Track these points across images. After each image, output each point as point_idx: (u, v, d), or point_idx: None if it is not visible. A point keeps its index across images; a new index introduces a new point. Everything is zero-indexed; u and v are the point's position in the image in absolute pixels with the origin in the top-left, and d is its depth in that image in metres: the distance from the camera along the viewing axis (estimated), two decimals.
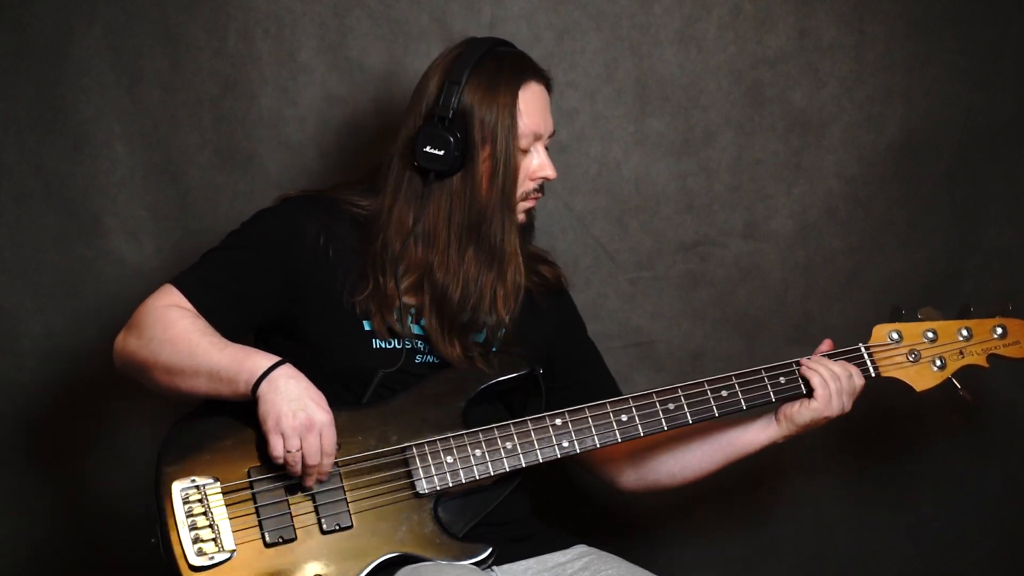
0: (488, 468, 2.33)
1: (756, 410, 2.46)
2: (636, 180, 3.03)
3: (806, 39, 3.00)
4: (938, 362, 2.48)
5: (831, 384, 2.40)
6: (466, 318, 2.40)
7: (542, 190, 2.46)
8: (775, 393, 2.42)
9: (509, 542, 2.39)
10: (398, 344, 2.40)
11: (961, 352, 2.49)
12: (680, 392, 2.39)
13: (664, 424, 2.38)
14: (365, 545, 2.26)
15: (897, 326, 2.49)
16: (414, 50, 2.95)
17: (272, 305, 2.40)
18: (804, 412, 2.42)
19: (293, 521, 2.24)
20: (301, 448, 2.21)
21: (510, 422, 2.35)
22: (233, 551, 2.21)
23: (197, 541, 2.20)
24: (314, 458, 2.21)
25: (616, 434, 2.37)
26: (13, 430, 3.04)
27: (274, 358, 2.24)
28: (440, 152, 2.34)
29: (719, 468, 2.52)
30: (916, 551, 3.10)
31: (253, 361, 2.23)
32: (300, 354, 2.34)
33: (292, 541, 2.24)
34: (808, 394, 2.41)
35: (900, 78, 3.01)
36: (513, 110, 2.36)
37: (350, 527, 2.26)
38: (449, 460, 2.32)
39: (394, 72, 2.95)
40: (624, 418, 2.38)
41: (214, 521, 2.22)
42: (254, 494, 2.25)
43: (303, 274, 2.39)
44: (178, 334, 2.27)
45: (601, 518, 3.09)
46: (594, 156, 3.03)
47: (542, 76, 2.43)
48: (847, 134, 3.02)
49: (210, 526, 2.22)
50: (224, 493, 2.23)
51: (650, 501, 3.08)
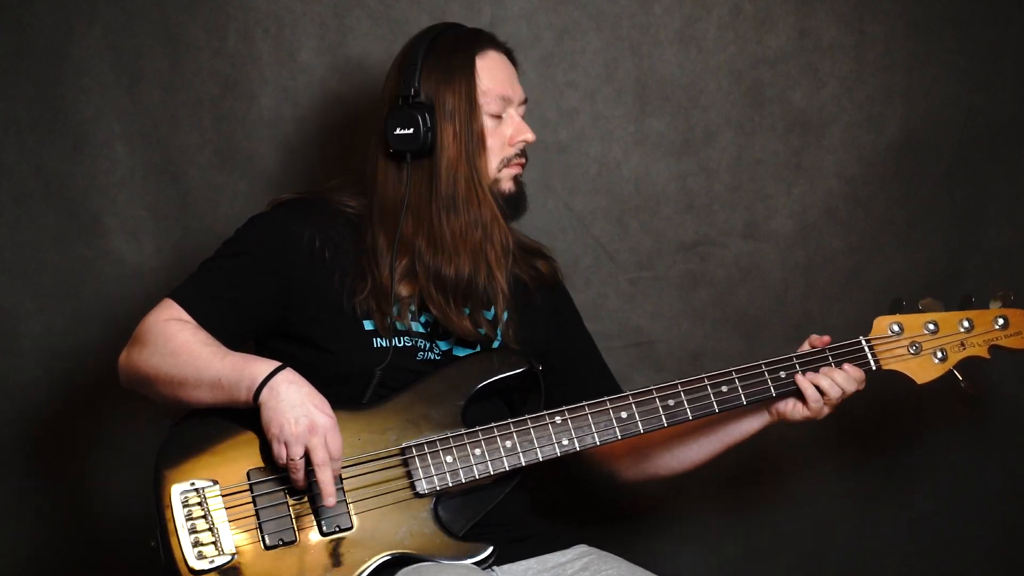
0: (488, 467, 2.33)
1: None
2: (636, 180, 3.03)
3: (806, 39, 3.00)
4: (939, 354, 2.47)
5: (831, 394, 2.40)
6: (471, 295, 2.40)
7: (525, 155, 2.47)
8: (775, 388, 2.41)
9: (509, 542, 2.39)
10: (399, 342, 2.40)
11: (962, 343, 2.47)
12: (680, 388, 2.39)
13: (664, 421, 2.38)
14: (365, 546, 2.26)
15: (898, 318, 2.48)
16: None
17: (270, 311, 2.40)
18: (796, 414, 2.43)
19: (293, 523, 2.25)
20: (306, 455, 2.21)
21: (509, 421, 2.35)
22: (233, 554, 2.21)
23: (197, 544, 2.20)
24: (322, 462, 2.21)
25: (616, 431, 2.37)
26: (13, 430, 3.04)
27: (274, 364, 2.24)
28: (409, 131, 2.36)
29: (716, 456, 2.54)
30: (916, 547, 3.10)
31: (253, 368, 2.24)
32: (301, 357, 2.35)
33: (292, 543, 2.24)
34: (802, 399, 2.42)
35: (900, 78, 3.01)
36: (471, 76, 2.38)
37: (350, 528, 2.26)
38: (449, 460, 2.32)
39: None
40: (624, 415, 2.38)
41: (214, 524, 2.22)
42: (254, 496, 2.25)
43: (299, 278, 2.39)
44: (178, 346, 2.29)
45: (602, 518, 3.09)
46: (594, 156, 3.03)
47: (500, 45, 2.46)
48: (847, 134, 3.02)
49: (210, 529, 2.22)
50: (224, 495, 2.24)
51: (651, 501, 3.08)
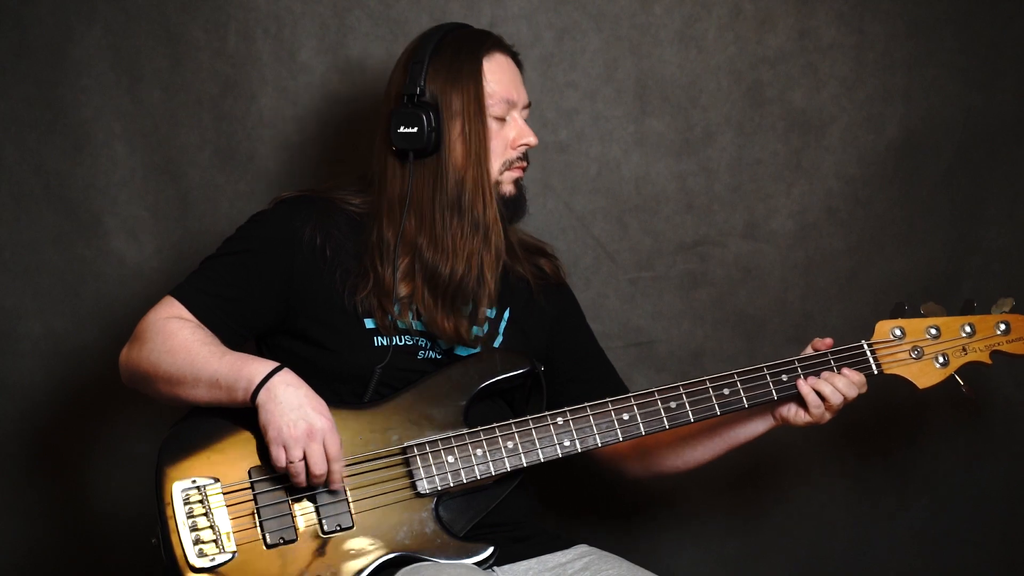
0: (489, 467, 2.33)
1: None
2: (636, 180, 3.03)
3: (806, 39, 3.00)
4: (941, 359, 2.46)
5: (832, 401, 2.40)
6: (459, 296, 2.39)
7: (527, 159, 2.47)
8: (777, 391, 2.41)
9: (510, 542, 2.39)
10: (399, 340, 2.41)
11: (964, 348, 2.47)
12: (682, 390, 2.39)
13: (666, 423, 2.38)
14: (366, 545, 2.26)
15: (900, 322, 2.47)
16: None
17: (272, 308, 2.40)
18: (798, 419, 2.43)
19: (294, 522, 2.25)
20: (304, 457, 2.21)
21: (511, 421, 2.35)
22: (234, 552, 2.21)
23: (198, 542, 2.21)
24: (320, 467, 2.21)
25: (618, 433, 2.37)
26: (13, 430, 3.04)
27: (271, 365, 2.24)
28: (414, 130, 2.35)
29: (721, 456, 2.55)
30: (915, 548, 3.10)
31: (251, 369, 2.24)
32: (302, 355, 2.35)
33: (293, 542, 2.24)
34: (804, 406, 2.42)
35: (900, 78, 3.01)
36: (478, 79, 2.38)
37: (351, 527, 2.26)
38: (450, 460, 2.32)
39: None
40: (626, 417, 2.37)
41: (215, 522, 2.22)
42: (255, 495, 2.25)
43: (301, 275, 2.39)
44: (178, 344, 2.29)
45: (602, 518, 3.09)
46: (594, 156, 3.02)
47: (506, 48, 2.46)
48: (847, 134, 3.02)
49: (211, 527, 2.22)
50: (225, 493, 2.24)
51: (652, 502, 3.08)
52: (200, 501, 2.23)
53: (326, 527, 2.25)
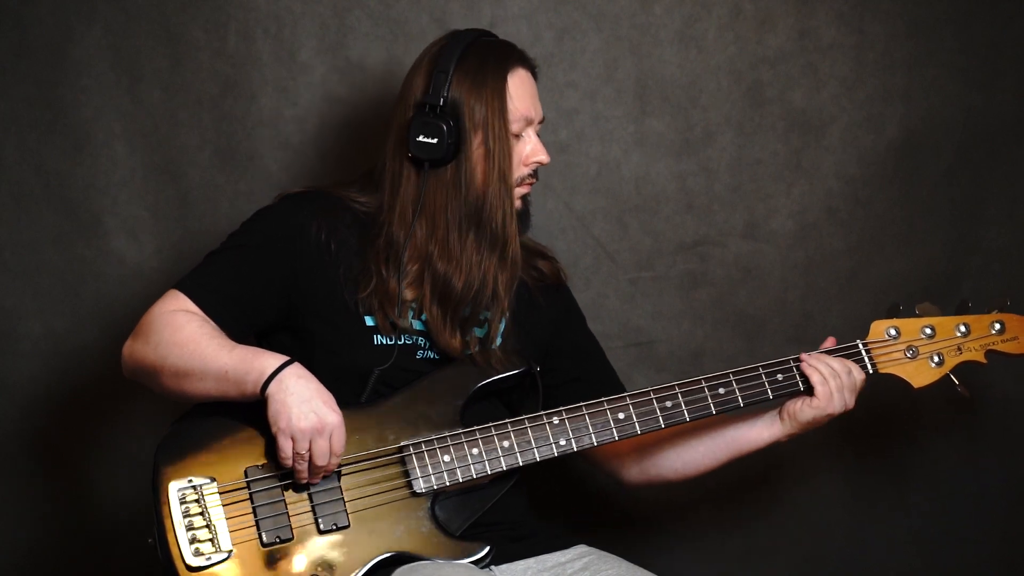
0: (485, 467, 2.33)
1: (760, 408, 2.46)
2: (636, 180, 3.03)
3: (806, 39, 3.00)
4: (936, 358, 2.47)
5: (831, 381, 2.39)
6: (467, 311, 2.40)
7: (536, 175, 2.46)
8: (772, 391, 2.41)
9: (508, 542, 2.39)
10: (399, 340, 2.40)
11: (959, 348, 2.48)
12: (678, 390, 2.39)
13: (662, 422, 2.38)
14: (362, 544, 2.26)
15: (895, 322, 2.48)
16: (414, 50, 2.91)
17: (275, 303, 2.40)
18: (807, 410, 2.42)
19: (290, 521, 2.25)
20: (310, 449, 2.21)
21: (507, 421, 2.35)
22: (230, 551, 2.21)
23: (194, 541, 2.21)
24: (323, 459, 2.22)
25: (613, 432, 2.37)
26: (13, 430, 3.04)
27: (283, 358, 2.24)
28: (433, 140, 2.34)
29: (723, 464, 2.52)
30: (913, 548, 3.10)
31: (262, 361, 2.24)
32: (302, 351, 2.35)
33: (289, 541, 2.24)
34: (808, 392, 2.41)
35: (900, 78, 3.01)
36: (503, 95, 2.37)
37: (347, 527, 2.26)
38: (446, 459, 2.32)
39: (394, 72, 2.94)
40: (621, 416, 2.37)
41: (211, 521, 2.22)
42: (251, 494, 2.25)
43: (305, 271, 2.39)
44: (185, 337, 2.28)
45: (601, 518, 3.09)
46: (594, 156, 3.02)
47: (528, 63, 2.45)
48: (847, 134, 3.02)
49: (207, 526, 2.22)
50: (221, 493, 2.24)
51: (650, 501, 3.08)
52: (196, 500, 2.23)
53: (322, 526, 2.25)
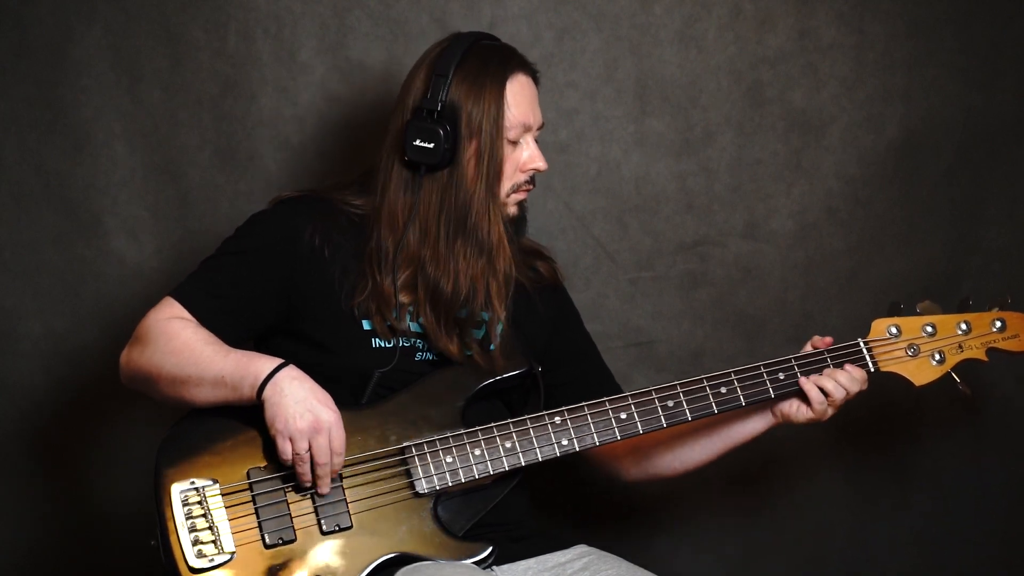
0: (487, 467, 2.33)
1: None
2: (636, 180, 3.03)
3: (806, 39, 3.00)
4: (937, 356, 2.47)
5: (835, 396, 2.40)
6: (462, 313, 2.40)
7: (533, 182, 2.46)
8: (774, 389, 2.41)
9: (509, 542, 2.39)
10: (397, 343, 2.40)
11: (960, 346, 2.48)
12: (679, 389, 2.39)
13: (664, 422, 2.38)
14: (365, 545, 2.26)
15: (896, 320, 2.48)
16: (414, 50, 2.92)
17: (271, 308, 2.40)
18: (799, 416, 2.44)
19: (293, 522, 2.25)
20: (310, 450, 2.21)
21: (509, 421, 2.35)
22: (233, 553, 2.21)
23: (197, 543, 2.21)
24: (324, 457, 2.22)
25: (615, 432, 2.37)
26: (12, 430, 3.04)
27: (277, 361, 2.25)
28: (430, 145, 2.34)
29: (719, 457, 2.55)
30: (914, 547, 3.10)
31: (257, 365, 2.24)
32: (300, 355, 2.34)
33: (292, 542, 2.24)
34: (806, 401, 2.42)
35: (900, 78, 3.01)
36: (500, 102, 2.36)
37: (350, 528, 2.26)
38: (448, 460, 2.32)
39: (394, 72, 2.94)
40: (623, 416, 2.38)
41: (213, 523, 2.22)
42: (253, 495, 2.25)
43: (300, 276, 2.39)
44: (181, 344, 2.29)
45: (602, 518, 3.09)
46: (594, 156, 3.02)
47: (529, 68, 2.44)
48: (847, 134, 3.02)
49: (210, 528, 2.22)
50: (223, 495, 2.24)
51: (651, 502, 3.08)
52: (199, 502, 2.23)
53: (325, 527, 2.25)
